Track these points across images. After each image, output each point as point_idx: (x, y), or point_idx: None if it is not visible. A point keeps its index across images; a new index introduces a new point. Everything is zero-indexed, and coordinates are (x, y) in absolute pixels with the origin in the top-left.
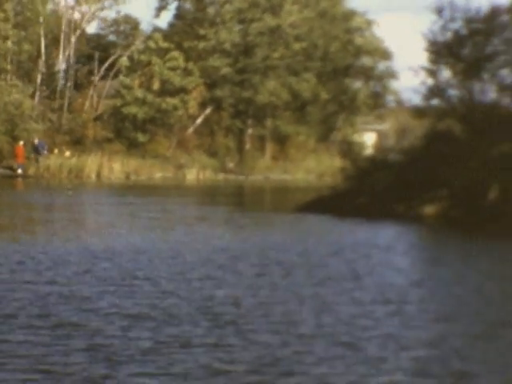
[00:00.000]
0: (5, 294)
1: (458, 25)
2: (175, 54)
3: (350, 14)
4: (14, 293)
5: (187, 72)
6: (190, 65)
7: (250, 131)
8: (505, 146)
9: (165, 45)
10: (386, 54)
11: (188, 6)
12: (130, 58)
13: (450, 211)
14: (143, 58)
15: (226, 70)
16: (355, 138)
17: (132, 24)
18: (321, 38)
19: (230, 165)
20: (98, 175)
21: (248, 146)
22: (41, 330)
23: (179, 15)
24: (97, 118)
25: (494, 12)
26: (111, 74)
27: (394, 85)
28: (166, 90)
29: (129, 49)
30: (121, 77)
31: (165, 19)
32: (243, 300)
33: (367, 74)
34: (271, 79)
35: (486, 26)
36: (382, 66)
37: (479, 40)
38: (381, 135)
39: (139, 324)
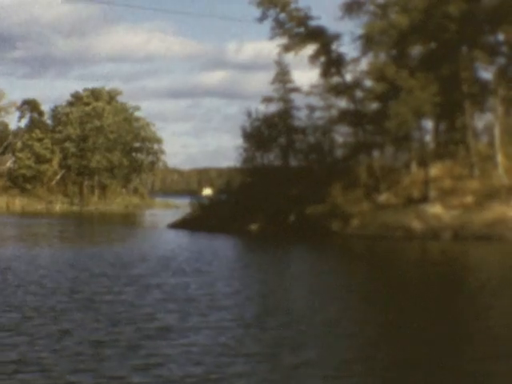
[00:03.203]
0: None
1: (258, 123)
2: (47, 141)
3: (138, 118)
4: None
5: (52, 150)
6: (54, 147)
7: (86, 183)
8: (294, 190)
9: (40, 136)
10: (158, 140)
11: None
12: (22, 143)
13: (266, 228)
14: (30, 143)
15: (72, 149)
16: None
17: (4, 125)
18: (123, 131)
19: (76, 201)
20: (7, 207)
21: (85, 191)
22: None
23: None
24: (1, 175)
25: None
26: (6, 151)
27: (162, 156)
28: (42, 160)
29: (20, 137)
30: (16, 153)
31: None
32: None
33: (148, 151)
34: (97, 155)
35: (270, 123)
36: (156, 146)
37: (268, 130)
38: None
39: None
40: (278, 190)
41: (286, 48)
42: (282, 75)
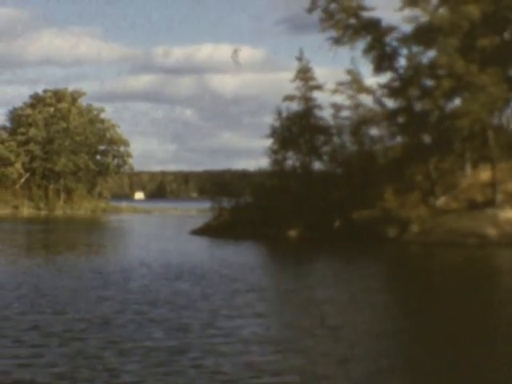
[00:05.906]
0: None
1: (289, 122)
2: (12, 143)
3: (103, 120)
4: None
5: (17, 153)
6: (19, 149)
7: (51, 186)
8: (335, 195)
9: (5, 138)
10: (124, 142)
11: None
12: None
13: (307, 234)
14: None
15: (38, 152)
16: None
17: None
18: (89, 133)
19: (42, 205)
20: None
21: (51, 194)
22: None
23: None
24: None
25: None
26: None
27: (129, 160)
28: (6, 163)
29: None
30: None
31: None
32: None
33: (114, 154)
34: (63, 157)
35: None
36: (122, 149)
37: (298, 128)
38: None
39: None
40: (317, 193)
41: (337, 41)
42: (304, 73)
